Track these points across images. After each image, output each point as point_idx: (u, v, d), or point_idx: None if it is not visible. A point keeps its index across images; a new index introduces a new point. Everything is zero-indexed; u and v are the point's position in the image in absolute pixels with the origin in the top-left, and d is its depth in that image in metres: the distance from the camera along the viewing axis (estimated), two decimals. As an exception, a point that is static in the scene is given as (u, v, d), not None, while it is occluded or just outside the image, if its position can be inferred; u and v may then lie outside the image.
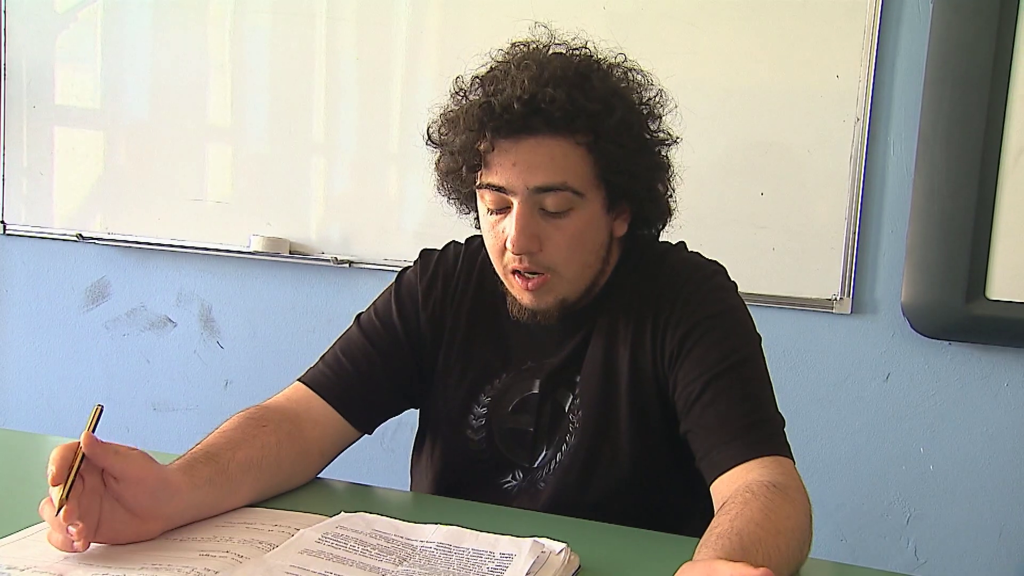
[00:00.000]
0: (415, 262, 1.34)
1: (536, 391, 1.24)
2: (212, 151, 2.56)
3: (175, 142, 2.55)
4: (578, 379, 1.23)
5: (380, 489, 1.29)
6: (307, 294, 2.49)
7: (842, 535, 2.12)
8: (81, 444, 0.95)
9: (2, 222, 2.70)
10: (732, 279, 1.25)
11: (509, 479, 1.26)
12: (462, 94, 1.17)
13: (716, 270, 1.25)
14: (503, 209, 1.15)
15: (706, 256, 1.28)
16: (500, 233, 1.16)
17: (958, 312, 1.99)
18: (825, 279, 2.08)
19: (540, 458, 1.25)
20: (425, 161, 1.24)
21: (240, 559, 0.96)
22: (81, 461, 0.95)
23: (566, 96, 1.09)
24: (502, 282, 1.22)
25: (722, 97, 2.11)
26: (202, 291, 2.61)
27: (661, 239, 1.30)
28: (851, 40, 2.03)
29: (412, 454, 1.37)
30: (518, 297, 1.20)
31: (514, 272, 1.17)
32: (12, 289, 2.79)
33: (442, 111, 1.19)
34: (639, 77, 1.20)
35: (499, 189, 1.13)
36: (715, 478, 1.10)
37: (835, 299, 2.08)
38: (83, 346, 2.72)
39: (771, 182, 2.09)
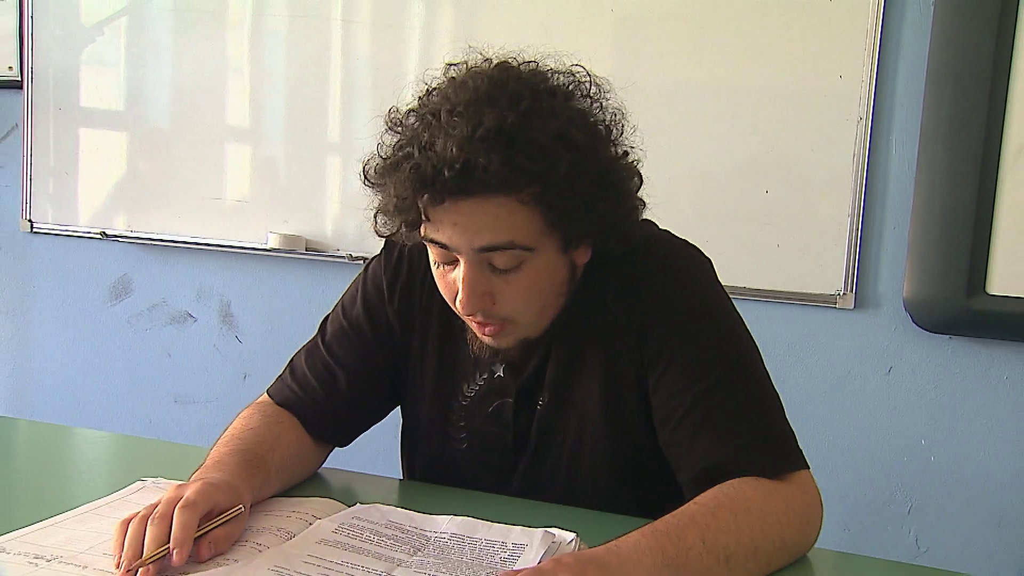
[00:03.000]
0: (381, 251, 1.25)
1: (512, 397, 1.18)
2: (231, 152, 2.56)
3: (195, 143, 2.55)
4: (550, 382, 1.16)
5: (394, 480, 1.28)
6: (322, 290, 2.48)
7: (845, 525, 2.11)
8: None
9: (29, 221, 2.71)
10: (706, 257, 1.16)
11: (494, 484, 1.21)
12: (399, 131, 1.05)
13: (691, 256, 1.15)
14: (451, 261, 1.05)
15: (679, 236, 1.18)
16: (451, 283, 1.07)
17: (959, 307, 1.97)
18: (829, 274, 2.06)
19: (522, 466, 1.19)
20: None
21: (259, 547, 0.96)
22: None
23: (502, 159, 0.95)
24: None
25: (728, 97, 2.10)
26: (221, 287, 2.61)
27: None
28: (854, 41, 2.01)
29: (401, 448, 1.32)
30: (478, 336, 1.12)
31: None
32: (39, 286, 2.80)
33: (379, 147, 1.06)
34: (593, 90, 1.07)
35: (443, 246, 1.03)
36: None
37: (838, 294, 2.07)
38: (107, 340, 2.73)
39: (776, 180, 2.08)
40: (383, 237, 1.12)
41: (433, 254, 1.08)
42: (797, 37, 2.05)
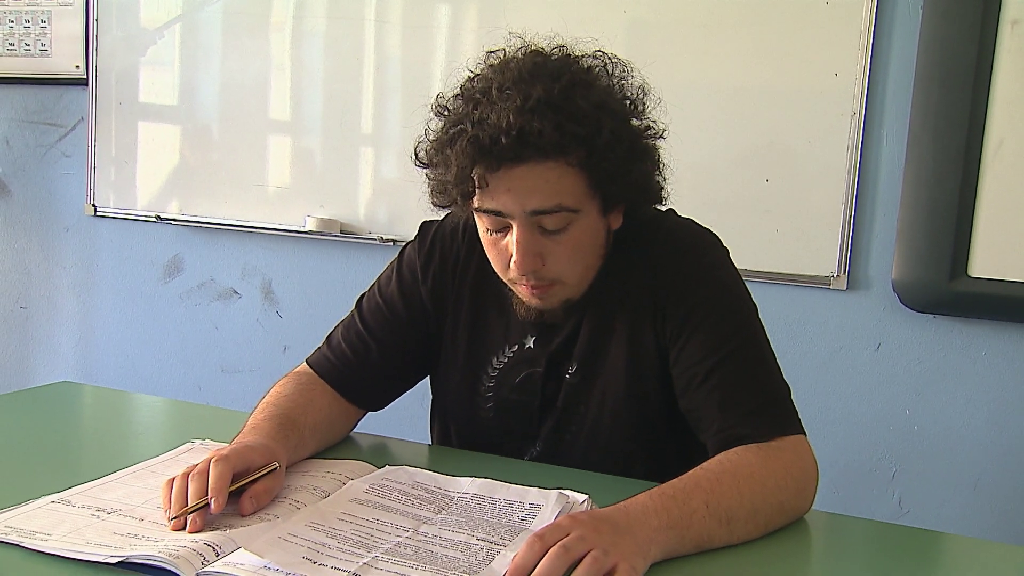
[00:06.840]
0: (415, 236, 1.25)
1: (541, 367, 1.17)
2: (273, 143, 2.55)
3: (241, 135, 2.55)
4: (580, 353, 1.15)
5: (421, 444, 1.28)
6: (356, 269, 2.48)
7: (835, 488, 2.09)
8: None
9: (93, 205, 2.72)
10: (724, 245, 1.15)
11: (517, 449, 1.20)
12: (447, 114, 1.06)
13: (711, 242, 1.15)
14: (503, 228, 1.05)
15: (699, 223, 1.17)
16: (503, 250, 1.06)
17: (942, 288, 1.95)
18: (823, 258, 2.04)
19: (545, 431, 1.18)
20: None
21: (297, 504, 0.95)
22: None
23: (553, 125, 0.97)
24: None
25: (732, 94, 2.08)
26: (264, 266, 2.61)
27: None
28: (849, 42, 1.98)
29: (430, 420, 1.31)
30: (525, 300, 1.11)
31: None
32: (101, 264, 2.81)
33: (429, 131, 1.08)
34: (619, 69, 1.08)
35: (497, 213, 1.03)
36: None
37: (832, 276, 2.05)
38: (161, 314, 2.74)
39: (776, 171, 2.06)
40: (440, 207, 1.12)
41: (484, 223, 1.07)
42: (796, 39, 2.02)
